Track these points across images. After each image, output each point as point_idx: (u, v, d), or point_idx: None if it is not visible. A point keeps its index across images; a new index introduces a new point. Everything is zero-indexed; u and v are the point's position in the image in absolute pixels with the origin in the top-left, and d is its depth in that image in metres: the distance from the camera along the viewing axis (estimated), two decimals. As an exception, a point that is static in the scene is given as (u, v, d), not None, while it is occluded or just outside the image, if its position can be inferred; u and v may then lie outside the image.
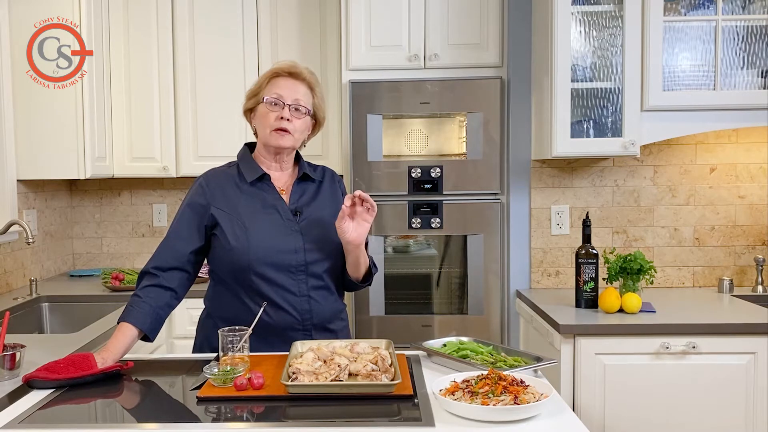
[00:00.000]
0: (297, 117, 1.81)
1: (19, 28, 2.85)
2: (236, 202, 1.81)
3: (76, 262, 3.54)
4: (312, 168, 1.94)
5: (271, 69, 1.86)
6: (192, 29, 3.17)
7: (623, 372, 2.29)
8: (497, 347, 1.75)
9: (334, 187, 1.94)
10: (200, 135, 3.20)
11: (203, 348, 1.87)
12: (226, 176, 1.86)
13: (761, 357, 2.26)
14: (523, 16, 2.85)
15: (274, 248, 1.77)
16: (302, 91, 1.82)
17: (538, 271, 2.93)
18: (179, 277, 1.79)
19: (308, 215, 1.84)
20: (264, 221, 1.79)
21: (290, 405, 1.42)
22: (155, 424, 1.38)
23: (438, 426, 1.29)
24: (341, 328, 1.91)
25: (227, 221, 1.78)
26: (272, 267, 1.76)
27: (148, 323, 1.72)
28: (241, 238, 1.76)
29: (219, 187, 1.83)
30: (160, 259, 1.79)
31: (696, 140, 2.87)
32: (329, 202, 1.89)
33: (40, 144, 2.89)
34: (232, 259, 1.77)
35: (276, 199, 1.83)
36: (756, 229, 2.89)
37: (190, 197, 1.83)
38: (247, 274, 1.76)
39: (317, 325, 1.83)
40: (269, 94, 1.81)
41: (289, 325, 1.79)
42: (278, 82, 1.82)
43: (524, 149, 2.90)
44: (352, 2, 2.87)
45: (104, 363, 1.60)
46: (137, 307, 1.72)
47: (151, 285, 1.76)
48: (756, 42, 2.56)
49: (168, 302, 1.77)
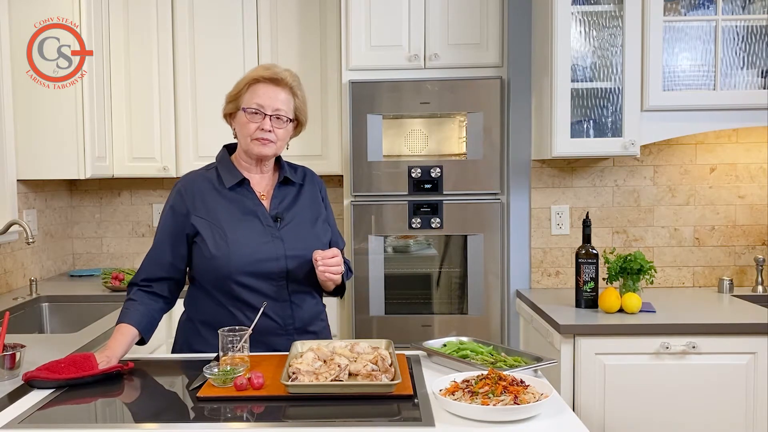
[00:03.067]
0: (278, 126, 1.77)
1: (19, 28, 2.85)
2: (215, 208, 1.78)
3: (76, 262, 3.54)
4: (292, 170, 1.91)
5: (251, 74, 1.80)
6: (192, 29, 3.17)
7: (623, 372, 2.29)
8: (497, 347, 1.75)
9: (314, 190, 1.92)
10: (200, 135, 3.19)
11: (183, 351, 1.86)
12: (204, 180, 1.83)
13: (761, 357, 2.26)
14: (523, 16, 2.85)
15: (255, 257, 1.74)
16: (283, 98, 1.78)
17: (538, 271, 2.93)
18: (168, 284, 1.82)
19: (289, 220, 1.82)
20: (244, 228, 1.77)
21: (290, 405, 1.42)
22: (155, 424, 1.38)
23: (438, 426, 1.29)
24: (321, 329, 1.90)
25: (207, 229, 1.76)
26: (253, 276, 1.75)
27: (144, 324, 1.74)
28: (222, 246, 1.74)
29: (198, 193, 1.80)
30: (147, 272, 1.81)
31: (696, 140, 2.87)
32: (309, 206, 1.88)
33: (40, 144, 2.89)
34: (213, 268, 1.75)
35: (256, 205, 1.80)
36: (756, 229, 2.89)
37: (171, 204, 1.81)
38: (228, 282, 1.75)
39: (299, 329, 1.82)
40: (249, 104, 1.76)
41: (271, 330, 1.78)
42: (258, 89, 1.77)
43: (524, 149, 2.90)
44: (352, 2, 2.87)
45: (108, 362, 1.61)
46: (133, 309, 1.75)
47: (144, 292, 1.79)
48: (756, 42, 2.56)
49: (161, 307, 1.81)
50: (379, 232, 2.88)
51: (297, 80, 1.83)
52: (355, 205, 2.88)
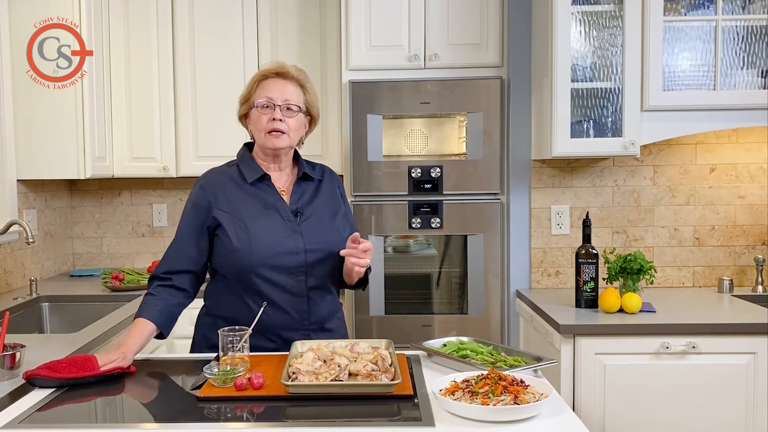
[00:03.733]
0: (289, 116, 1.81)
1: (19, 28, 2.85)
2: (237, 202, 1.82)
3: (76, 262, 3.54)
4: (311, 167, 1.94)
5: (259, 72, 1.87)
6: (192, 29, 3.17)
7: (623, 372, 2.29)
8: (497, 347, 1.75)
9: (332, 186, 1.95)
10: (200, 135, 3.20)
11: (201, 345, 1.88)
12: (225, 176, 1.87)
13: (761, 357, 2.26)
14: (523, 16, 2.85)
15: (275, 250, 1.77)
16: (292, 90, 1.82)
17: (538, 271, 2.93)
18: (189, 278, 1.83)
19: (308, 215, 1.84)
20: (265, 222, 1.80)
21: (290, 405, 1.42)
22: (155, 424, 1.38)
23: (438, 426, 1.29)
24: (338, 327, 1.92)
25: (230, 222, 1.79)
26: (273, 268, 1.77)
27: (162, 319, 1.76)
28: (243, 239, 1.77)
29: (220, 187, 1.84)
30: (169, 264, 1.82)
31: (696, 140, 2.87)
32: (328, 202, 1.91)
33: (40, 144, 2.89)
34: (235, 260, 1.78)
35: (276, 200, 1.83)
36: (756, 229, 2.89)
37: (193, 200, 1.85)
38: (249, 274, 1.77)
39: (315, 325, 1.84)
40: (259, 98, 1.81)
41: (287, 325, 1.80)
42: (267, 84, 1.82)
43: (524, 149, 2.90)
44: (352, 2, 2.87)
45: (124, 357, 1.63)
46: (151, 303, 1.76)
47: (163, 286, 1.80)
48: (756, 42, 2.56)
49: (181, 301, 1.82)
50: (379, 232, 2.88)
51: (304, 75, 1.87)
52: (355, 204, 2.88)
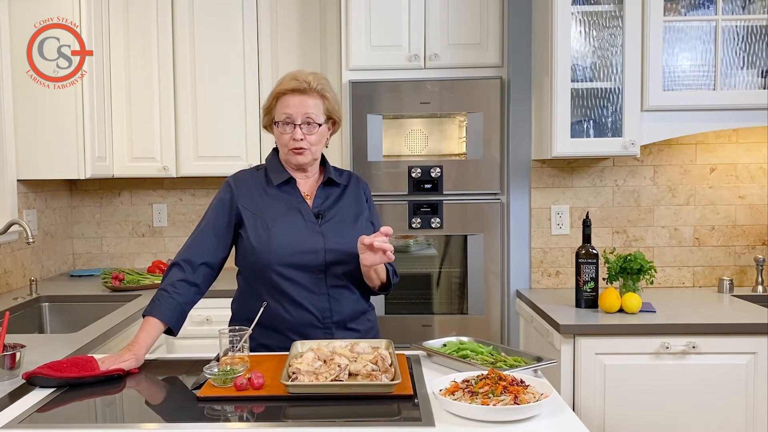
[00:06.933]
0: (309, 132, 1.81)
1: (19, 28, 2.85)
2: (261, 203, 1.84)
3: (76, 262, 3.54)
4: (338, 173, 1.95)
5: (277, 88, 1.84)
6: (192, 29, 3.17)
7: (623, 372, 2.29)
8: (497, 347, 1.75)
9: (358, 192, 1.95)
10: (200, 135, 3.19)
11: None
12: (253, 178, 1.90)
13: (761, 357, 2.26)
14: (523, 16, 2.85)
15: (294, 248, 1.79)
16: (311, 104, 1.81)
17: (538, 271, 2.93)
18: (205, 273, 1.84)
19: (330, 217, 1.86)
20: (286, 222, 1.82)
21: (290, 405, 1.42)
22: (155, 424, 1.38)
23: (438, 426, 1.29)
24: (367, 329, 1.92)
25: (251, 221, 1.82)
26: (293, 266, 1.79)
27: (174, 318, 1.77)
28: (263, 237, 1.80)
29: (246, 187, 1.87)
30: (190, 253, 1.84)
31: (696, 140, 2.87)
32: (353, 205, 1.91)
33: (40, 144, 2.89)
34: (255, 258, 1.81)
35: (300, 202, 1.86)
36: (756, 229, 2.89)
37: (219, 195, 1.88)
38: (268, 272, 1.79)
39: (338, 323, 1.84)
40: (279, 116, 1.82)
41: (308, 323, 1.81)
42: (286, 100, 1.82)
43: (524, 149, 2.90)
44: (352, 2, 2.87)
45: (136, 356, 1.65)
46: (164, 301, 1.77)
47: (179, 280, 1.80)
48: (756, 42, 2.56)
49: (192, 298, 1.83)
50: (379, 232, 2.88)
51: (324, 81, 1.86)
52: (355, 205, 2.87)
